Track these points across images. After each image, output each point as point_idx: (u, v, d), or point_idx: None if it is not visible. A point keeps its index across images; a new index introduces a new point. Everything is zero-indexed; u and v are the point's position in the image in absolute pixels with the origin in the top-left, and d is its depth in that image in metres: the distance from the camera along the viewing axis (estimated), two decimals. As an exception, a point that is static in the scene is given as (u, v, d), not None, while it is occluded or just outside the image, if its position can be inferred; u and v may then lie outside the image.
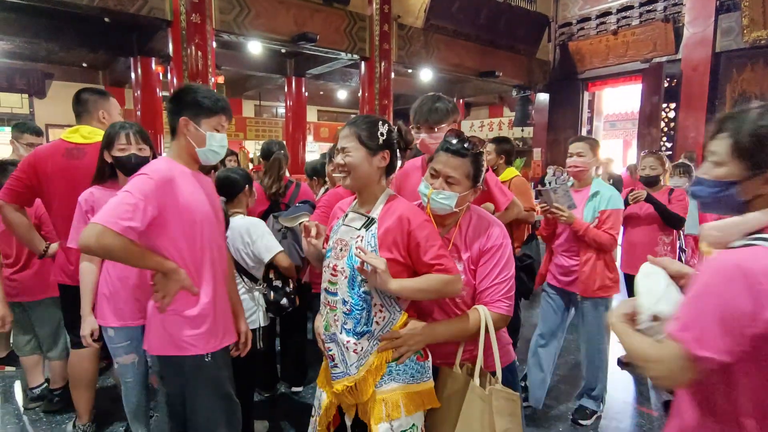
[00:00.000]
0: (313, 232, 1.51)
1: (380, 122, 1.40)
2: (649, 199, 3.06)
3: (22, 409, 2.77)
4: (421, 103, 1.86)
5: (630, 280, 3.15)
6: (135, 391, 2.06)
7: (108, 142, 1.99)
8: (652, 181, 3.22)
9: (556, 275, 2.68)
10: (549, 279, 2.73)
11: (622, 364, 3.41)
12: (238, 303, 1.90)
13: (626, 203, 3.07)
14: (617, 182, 6.70)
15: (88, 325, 1.91)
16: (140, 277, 1.87)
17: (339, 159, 1.40)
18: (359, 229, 1.39)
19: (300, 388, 3.03)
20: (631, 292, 3.19)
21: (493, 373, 1.41)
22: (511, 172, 3.20)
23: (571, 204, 2.50)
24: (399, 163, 1.53)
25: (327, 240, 1.53)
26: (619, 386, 3.16)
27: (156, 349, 1.61)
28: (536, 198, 2.52)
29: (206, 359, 1.59)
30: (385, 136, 1.39)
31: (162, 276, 1.52)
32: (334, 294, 1.41)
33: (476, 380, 1.37)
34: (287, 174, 3.03)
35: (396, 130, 1.47)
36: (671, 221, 3.10)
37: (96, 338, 1.95)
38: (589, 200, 2.56)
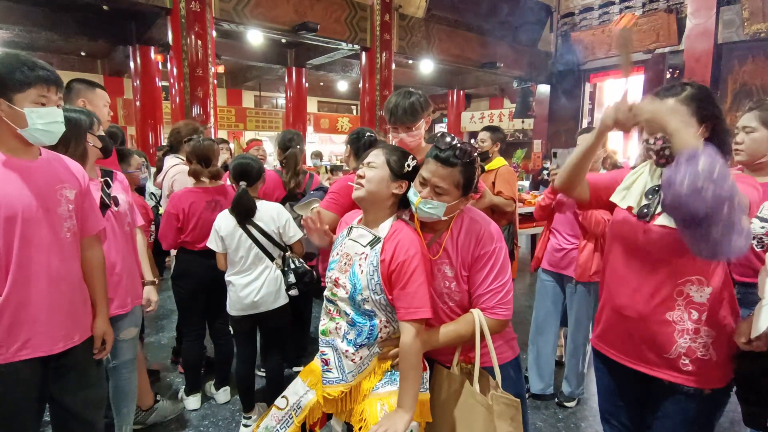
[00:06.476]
0: (316, 224, 1.53)
1: (410, 156, 1.43)
2: None
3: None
4: (396, 104, 1.78)
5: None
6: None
7: (90, 123, 1.83)
8: None
9: (552, 258, 2.69)
10: (544, 264, 2.74)
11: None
12: (100, 300, 1.64)
13: None
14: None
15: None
16: (124, 261, 1.90)
17: (361, 170, 1.41)
18: (365, 246, 1.39)
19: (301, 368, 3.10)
20: None
21: (491, 371, 1.40)
22: (499, 162, 3.18)
23: None
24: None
25: (331, 244, 1.54)
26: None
27: None
28: (553, 158, 2.57)
29: None
30: (410, 169, 1.41)
31: None
32: (336, 304, 1.42)
33: (476, 386, 1.35)
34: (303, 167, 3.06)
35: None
36: None
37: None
38: None
